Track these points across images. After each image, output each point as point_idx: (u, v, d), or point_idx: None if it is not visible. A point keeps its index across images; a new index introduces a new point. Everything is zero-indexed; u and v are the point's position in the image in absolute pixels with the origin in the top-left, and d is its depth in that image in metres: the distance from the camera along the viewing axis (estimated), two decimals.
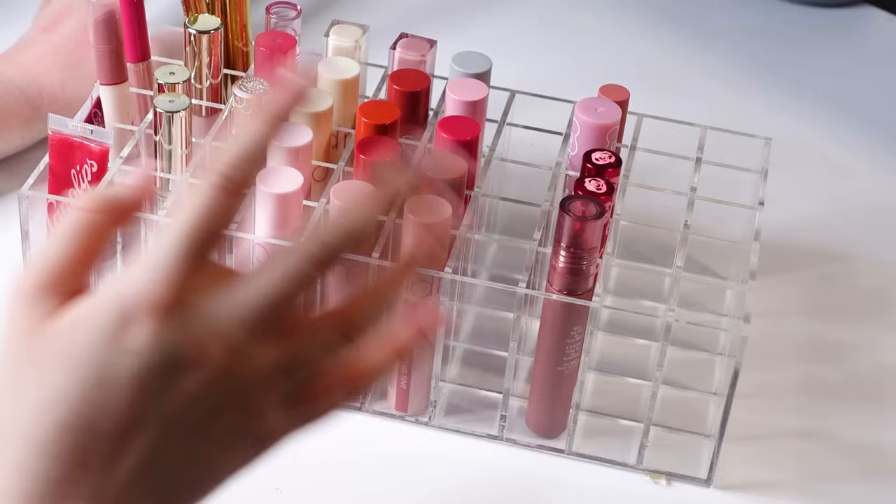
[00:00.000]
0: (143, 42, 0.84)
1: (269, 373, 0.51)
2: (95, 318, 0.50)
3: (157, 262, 0.50)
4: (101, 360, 0.49)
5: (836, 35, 1.16)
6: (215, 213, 0.51)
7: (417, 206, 0.74)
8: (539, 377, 0.78)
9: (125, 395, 0.49)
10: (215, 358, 0.50)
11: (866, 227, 0.97)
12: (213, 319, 0.50)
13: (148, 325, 0.49)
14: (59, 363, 0.49)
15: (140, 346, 0.49)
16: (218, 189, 0.51)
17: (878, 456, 0.81)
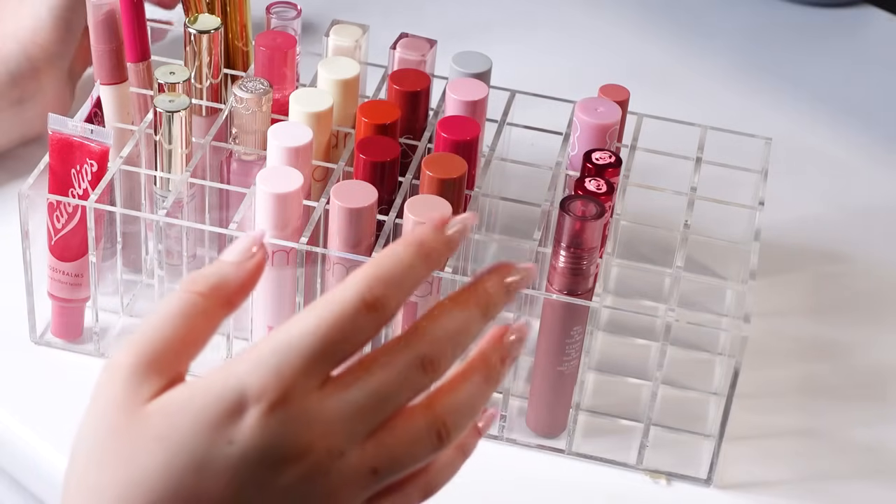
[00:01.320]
0: (143, 42, 0.83)
1: (362, 473, 0.50)
2: (200, 404, 0.49)
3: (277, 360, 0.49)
4: (200, 448, 0.48)
5: (836, 35, 1.16)
6: (351, 332, 0.49)
7: (417, 206, 0.74)
8: (539, 377, 0.78)
9: (220, 486, 0.48)
10: (314, 457, 0.49)
11: (866, 227, 0.97)
12: (317, 419, 0.49)
13: (254, 418, 0.48)
14: (155, 444, 0.49)
15: (243, 438, 0.48)
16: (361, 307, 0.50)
17: (878, 456, 0.81)
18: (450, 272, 0.75)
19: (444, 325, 0.52)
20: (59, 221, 0.79)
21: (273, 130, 0.78)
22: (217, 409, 0.48)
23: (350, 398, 0.50)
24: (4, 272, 0.86)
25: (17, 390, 0.80)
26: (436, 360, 0.51)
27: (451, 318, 0.52)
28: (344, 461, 0.50)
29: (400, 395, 0.51)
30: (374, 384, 0.50)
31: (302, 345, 0.49)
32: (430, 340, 0.51)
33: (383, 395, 0.50)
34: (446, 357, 0.51)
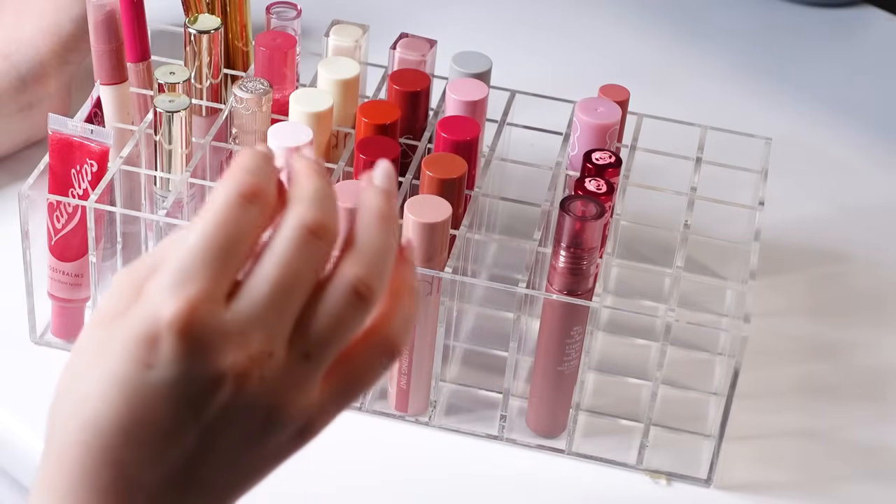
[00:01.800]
0: (143, 42, 0.83)
1: (295, 364, 0.50)
2: (125, 332, 0.49)
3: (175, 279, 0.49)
4: (129, 377, 0.49)
5: (836, 35, 1.16)
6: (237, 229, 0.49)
7: (417, 206, 0.74)
8: (539, 377, 0.78)
9: (154, 410, 0.49)
10: (238, 369, 0.49)
11: (866, 227, 0.97)
12: (230, 332, 0.49)
13: (168, 348, 0.48)
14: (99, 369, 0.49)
15: (161, 366, 0.48)
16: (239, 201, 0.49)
17: (878, 456, 0.81)
18: (449, 272, 0.75)
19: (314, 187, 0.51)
20: (59, 221, 0.79)
21: (273, 130, 0.78)
22: (135, 337, 0.48)
23: (255, 297, 0.49)
24: (4, 272, 0.86)
25: (17, 390, 0.80)
26: (321, 223, 0.50)
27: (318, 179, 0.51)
28: (274, 361, 0.49)
29: (303, 274, 0.50)
30: (273, 273, 0.49)
31: (196, 256, 0.49)
32: (309, 206, 0.50)
33: (286, 279, 0.49)
34: (330, 217, 0.50)
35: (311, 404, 0.51)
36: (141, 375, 0.48)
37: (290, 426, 0.51)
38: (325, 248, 0.50)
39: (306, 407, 0.51)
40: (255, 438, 0.50)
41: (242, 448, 0.50)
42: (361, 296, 0.50)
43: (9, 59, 0.91)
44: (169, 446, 0.49)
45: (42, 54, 0.91)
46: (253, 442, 0.50)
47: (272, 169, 0.51)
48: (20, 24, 0.91)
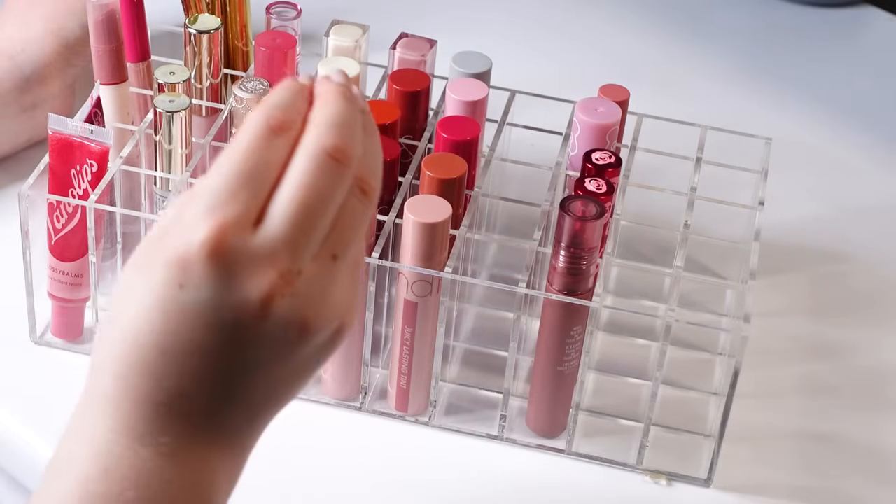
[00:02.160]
0: (143, 42, 0.83)
1: (325, 267, 0.52)
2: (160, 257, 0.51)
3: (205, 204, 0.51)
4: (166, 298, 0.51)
5: (836, 35, 1.16)
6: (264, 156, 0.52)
7: (417, 206, 0.74)
8: (539, 377, 0.78)
9: (180, 320, 0.51)
10: (271, 289, 0.51)
11: (866, 227, 0.97)
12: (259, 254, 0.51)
13: (199, 269, 0.50)
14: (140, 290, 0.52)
15: (194, 286, 0.50)
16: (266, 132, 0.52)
17: (878, 456, 0.81)
18: (450, 272, 0.75)
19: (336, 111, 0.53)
20: (59, 221, 0.79)
21: None
22: (168, 264, 0.51)
23: (280, 219, 0.51)
24: (4, 272, 0.85)
25: (17, 390, 0.80)
26: (339, 148, 0.52)
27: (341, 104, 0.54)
28: (304, 277, 0.51)
29: (325, 195, 0.52)
30: (294, 195, 0.52)
31: (225, 183, 0.51)
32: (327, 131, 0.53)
33: (308, 199, 0.52)
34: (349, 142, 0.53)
35: (339, 298, 0.53)
36: (175, 294, 0.51)
37: (324, 327, 0.53)
38: (345, 170, 0.53)
39: (336, 303, 0.53)
40: (291, 347, 0.52)
41: (277, 358, 0.52)
42: (366, 192, 0.54)
43: (14, 60, 0.91)
44: (204, 362, 0.51)
45: (47, 56, 0.91)
46: (289, 351, 0.52)
47: (303, 102, 0.54)
48: (26, 24, 0.92)
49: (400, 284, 0.76)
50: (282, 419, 0.80)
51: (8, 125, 0.91)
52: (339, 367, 0.79)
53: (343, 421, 0.80)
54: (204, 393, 0.52)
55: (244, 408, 0.53)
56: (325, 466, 0.78)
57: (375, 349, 0.81)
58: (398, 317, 0.77)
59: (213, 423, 0.53)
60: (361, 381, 0.80)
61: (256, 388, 0.53)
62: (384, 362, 0.82)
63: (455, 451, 0.79)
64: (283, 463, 0.77)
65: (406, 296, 0.75)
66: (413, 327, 0.76)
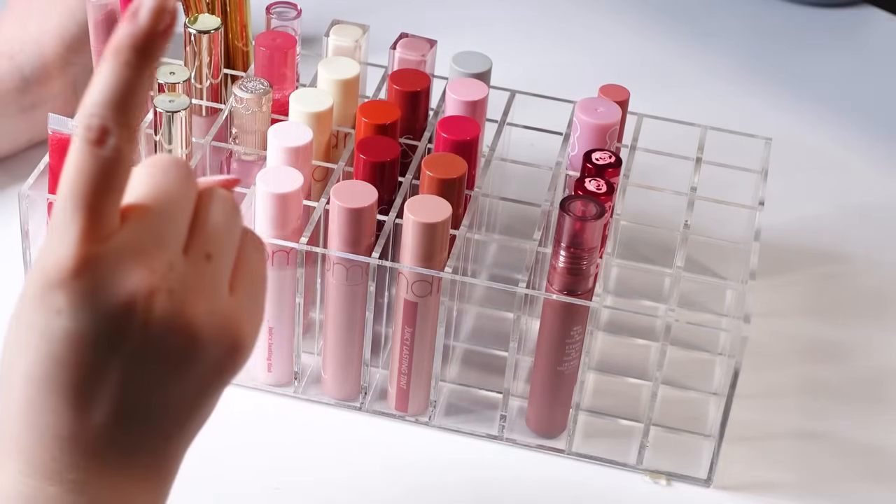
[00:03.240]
0: None
1: (201, 267, 0.51)
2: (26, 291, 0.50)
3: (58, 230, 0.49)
4: (36, 321, 0.49)
5: (836, 35, 1.16)
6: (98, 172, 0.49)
7: (417, 206, 0.74)
8: (539, 377, 0.78)
9: (65, 346, 0.49)
10: (145, 285, 0.49)
11: (866, 227, 0.97)
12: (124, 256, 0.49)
13: (66, 289, 0.49)
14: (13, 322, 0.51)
15: (66, 309, 0.49)
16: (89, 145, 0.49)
17: (878, 456, 0.81)
18: (450, 272, 0.75)
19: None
20: None
21: (273, 130, 0.78)
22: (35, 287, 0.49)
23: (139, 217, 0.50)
24: (4, 272, 0.85)
25: None
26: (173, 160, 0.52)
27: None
28: (177, 270, 0.50)
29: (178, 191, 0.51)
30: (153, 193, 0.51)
31: (67, 207, 0.49)
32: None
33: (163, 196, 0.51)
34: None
35: (226, 308, 0.51)
36: (54, 322, 0.49)
37: (213, 338, 0.51)
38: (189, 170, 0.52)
39: (223, 311, 0.51)
40: (183, 357, 0.50)
41: (172, 370, 0.51)
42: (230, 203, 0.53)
43: (13, 60, 0.91)
44: (98, 387, 0.50)
45: (46, 56, 0.91)
46: (181, 362, 0.51)
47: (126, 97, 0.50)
48: (25, 24, 0.92)
49: (400, 284, 0.76)
50: (282, 419, 0.80)
51: (8, 125, 0.92)
52: (339, 367, 0.79)
53: (343, 421, 0.80)
54: (105, 420, 0.50)
55: (152, 432, 0.51)
56: (325, 466, 0.78)
57: (375, 349, 0.81)
58: (398, 317, 0.77)
59: (121, 451, 0.51)
60: (361, 381, 0.80)
61: (158, 409, 0.51)
62: (384, 362, 0.82)
63: (455, 451, 0.79)
64: (283, 463, 0.77)
65: (406, 296, 0.76)
66: (413, 327, 0.76)
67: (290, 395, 0.81)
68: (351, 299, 0.77)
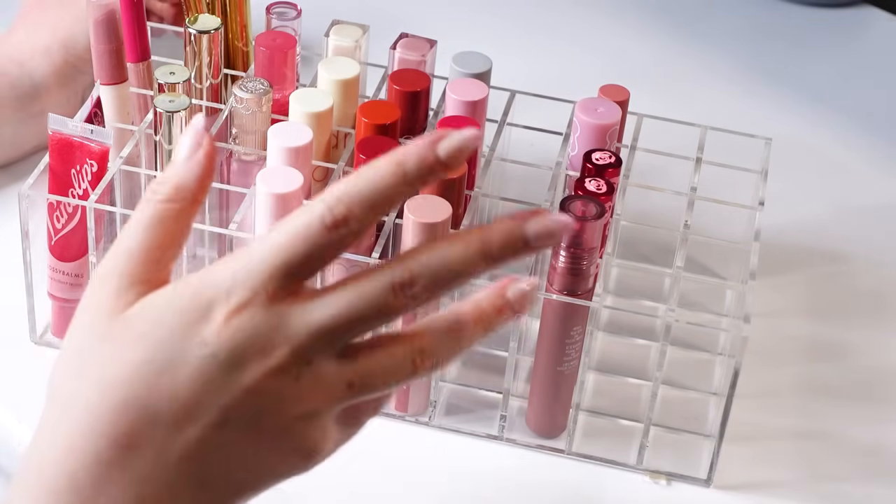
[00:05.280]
0: (143, 42, 0.83)
1: (338, 385, 0.52)
2: (176, 304, 0.51)
3: (249, 267, 0.50)
4: (172, 346, 0.50)
5: (836, 35, 1.16)
6: (317, 246, 0.51)
7: (418, 206, 0.74)
8: (539, 377, 0.78)
9: (189, 383, 0.50)
10: (279, 357, 0.50)
11: (866, 227, 0.97)
12: (283, 322, 0.50)
13: (221, 319, 0.50)
14: (136, 342, 0.51)
15: (213, 337, 0.50)
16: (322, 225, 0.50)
17: (878, 456, 0.81)
18: None
19: (426, 255, 0.51)
20: (59, 221, 0.79)
21: (273, 130, 0.78)
22: (190, 307, 0.50)
23: (317, 309, 0.51)
24: (4, 272, 0.86)
25: (17, 390, 0.80)
26: (408, 284, 0.51)
27: (438, 250, 0.51)
28: (313, 369, 0.51)
29: (368, 315, 0.51)
30: (344, 300, 0.51)
31: (268, 256, 0.50)
32: (408, 266, 0.51)
33: (351, 311, 0.51)
34: (422, 284, 0.51)
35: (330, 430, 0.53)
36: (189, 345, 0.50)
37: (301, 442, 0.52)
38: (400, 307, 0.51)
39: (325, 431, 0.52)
40: (267, 440, 0.51)
41: (254, 445, 0.51)
42: (416, 368, 0.52)
43: (24, 67, 0.91)
44: (186, 426, 0.50)
45: (55, 64, 0.91)
46: (265, 443, 0.51)
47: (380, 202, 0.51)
48: (36, 32, 0.92)
49: None
50: None
51: (17, 131, 0.92)
52: None
53: None
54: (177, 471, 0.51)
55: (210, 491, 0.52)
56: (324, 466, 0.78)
57: None
58: None
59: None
60: None
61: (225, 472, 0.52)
62: None
63: (455, 451, 0.79)
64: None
65: None
66: None
67: None
68: None
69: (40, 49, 0.91)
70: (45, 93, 0.92)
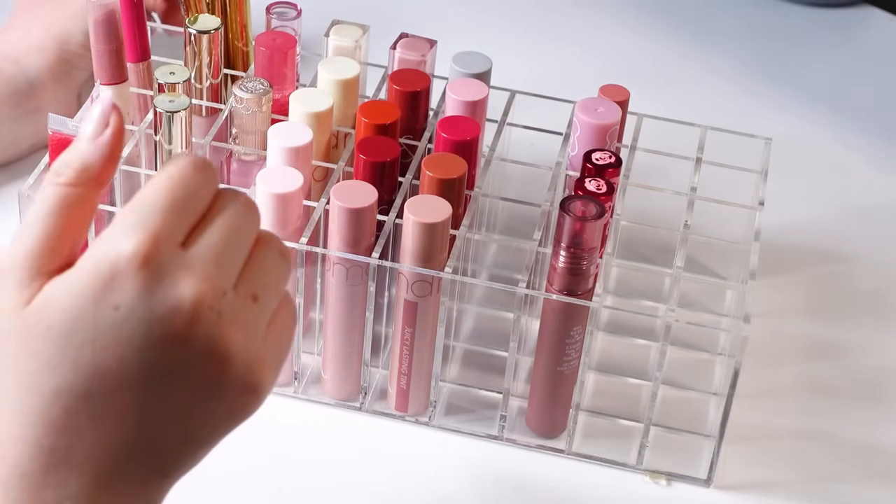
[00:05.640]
0: (143, 42, 0.84)
1: (248, 304, 0.51)
2: (79, 281, 0.49)
3: (137, 220, 0.50)
4: (86, 322, 0.49)
5: (836, 35, 1.16)
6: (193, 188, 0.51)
7: (418, 206, 0.74)
8: (539, 377, 0.78)
9: (112, 350, 0.49)
10: (201, 298, 0.49)
11: (866, 227, 0.97)
12: (191, 265, 0.50)
13: (131, 278, 0.49)
14: (44, 333, 0.49)
15: (126, 299, 0.49)
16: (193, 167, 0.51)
17: (877, 456, 0.81)
18: (450, 272, 0.75)
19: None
20: None
21: (273, 130, 0.78)
22: (94, 279, 0.49)
23: (209, 240, 0.51)
24: None
25: None
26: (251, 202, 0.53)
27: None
28: (228, 298, 0.50)
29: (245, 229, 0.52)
30: (224, 225, 0.51)
31: (156, 204, 0.50)
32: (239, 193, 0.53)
33: (233, 229, 0.52)
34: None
35: (258, 350, 0.52)
36: (110, 317, 0.49)
37: (241, 375, 0.51)
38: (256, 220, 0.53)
39: (255, 352, 0.51)
40: (210, 386, 0.50)
41: (195, 399, 0.50)
42: (284, 255, 0.54)
43: (18, 64, 0.91)
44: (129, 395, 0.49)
45: (49, 61, 0.91)
46: (207, 391, 0.50)
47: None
48: (30, 29, 0.92)
49: (400, 284, 0.76)
50: (282, 419, 0.80)
51: (12, 129, 0.92)
52: (339, 367, 0.79)
53: (343, 421, 0.80)
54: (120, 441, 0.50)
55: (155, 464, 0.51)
56: (324, 466, 0.78)
57: (375, 349, 0.81)
58: (398, 317, 0.77)
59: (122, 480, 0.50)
60: (361, 382, 0.80)
61: (168, 438, 0.50)
62: (384, 362, 0.82)
63: (455, 451, 0.79)
64: (283, 463, 0.77)
65: (406, 296, 0.76)
66: (413, 327, 0.76)
67: (290, 396, 0.81)
68: (351, 299, 0.77)
69: (34, 46, 0.91)
70: (41, 90, 0.92)
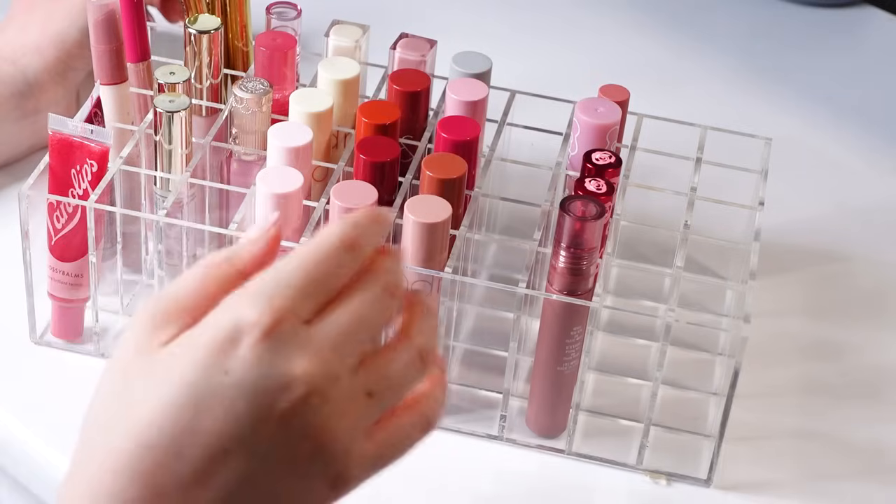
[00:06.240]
0: (143, 42, 0.83)
1: (359, 397, 0.52)
2: (200, 339, 0.50)
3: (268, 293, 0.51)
4: (200, 381, 0.50)
5: (836, 35, 1.16)
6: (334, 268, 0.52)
7: (418, 206, 0.74)
8: (539, 377, 0.78)
9: (213, 421, 0.49)
10: (310, 380, 0.50)
11: (866, 227, 0.97)
12: (309, 344, 0.51)
13: (247, 347, 0.50)
14: (160, 381, 0.50)
15: (238, 367, 0.50)
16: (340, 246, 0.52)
17: (877, 456, 0.81)
18: (450, 272, 0.75)
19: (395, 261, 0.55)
20: (59, 221, 0.79)
21: (273, 130, 0.78)
22: (214, 341, 0.50)
23: (334, 322, 0.52)
24: (4, 272, 0.86)
25: (17, 390, 0.80)
26: (399, 285, 0.54)
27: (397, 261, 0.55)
28: (340, 385, 0.51)
29: (376, 317, 0.53)
30: (354, 308, 0.52)
31: (290, 279, 0.51)
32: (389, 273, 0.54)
33: (363, 315, 0.52)
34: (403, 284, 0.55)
35: (357, 449, 0.52)
36: (216, 380, 0.49)
37: (331, 465, 0.51)
38: (397, 306, 0.54)
39: (352, 450, 0.52)
40: (302, 468, 0.51)
41: (285, 478, 0.50)
42: (424, 361, 0.54)
43: (16, 65, 0.91)
44: (221, 464, 0.49)
45: (47, 61, 0.91)
46: (296, 473, 0.51)
47: (379, 231, 0.55)
48: (26, 29, 0.92)
49: None
50: None
51: (10, 131, 0.92)
52: None
53: None
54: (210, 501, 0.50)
55: None
56: None
57: None
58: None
59: None
60: None
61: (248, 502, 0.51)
62: None
63: (455, 451, 0.79)
64: None
65: None
66: None
67: None
68: None
69: (32, 47, 0.91)
70: (39, 90, 0.92)
